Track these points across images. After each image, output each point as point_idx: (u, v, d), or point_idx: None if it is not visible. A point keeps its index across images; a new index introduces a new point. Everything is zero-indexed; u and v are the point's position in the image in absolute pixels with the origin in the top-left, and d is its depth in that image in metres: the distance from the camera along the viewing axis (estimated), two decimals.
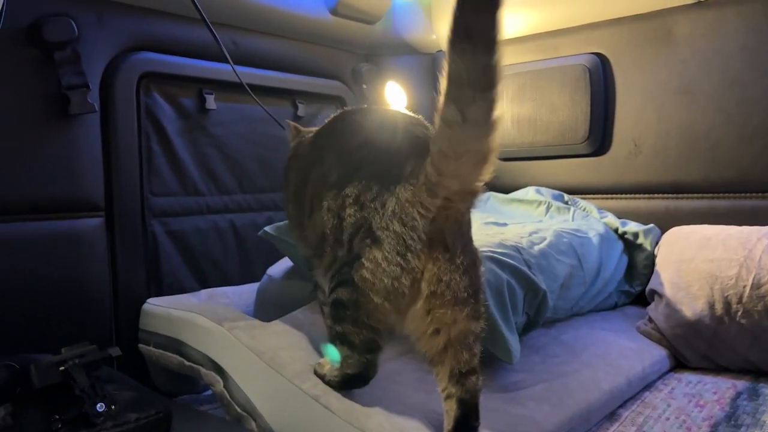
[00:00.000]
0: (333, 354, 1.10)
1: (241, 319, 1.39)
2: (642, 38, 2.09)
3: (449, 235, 1.00)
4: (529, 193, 2.26)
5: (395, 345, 1.34)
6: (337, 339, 1.08)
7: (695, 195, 2.02)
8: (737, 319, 1.62)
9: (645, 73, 2.09)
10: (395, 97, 2.32)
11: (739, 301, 1.62)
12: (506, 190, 2.36)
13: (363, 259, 1.00)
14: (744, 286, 1.62)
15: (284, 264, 1.75)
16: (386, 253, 0.98)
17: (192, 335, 1.39)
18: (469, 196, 0.99)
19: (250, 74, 1.98)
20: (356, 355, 1.06)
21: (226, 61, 1.74)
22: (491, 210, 2.25)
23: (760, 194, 1.91)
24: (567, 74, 2.20)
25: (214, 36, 1.67)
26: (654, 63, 2.07)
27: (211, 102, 1.94)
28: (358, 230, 1.01)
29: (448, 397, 1.05)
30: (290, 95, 2.21)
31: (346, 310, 1.03)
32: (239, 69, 1.81)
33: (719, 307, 1.65)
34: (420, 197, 0.96)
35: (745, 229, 1.75)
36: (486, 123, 0.88)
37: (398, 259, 0.97)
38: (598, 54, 2.17)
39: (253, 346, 1.28)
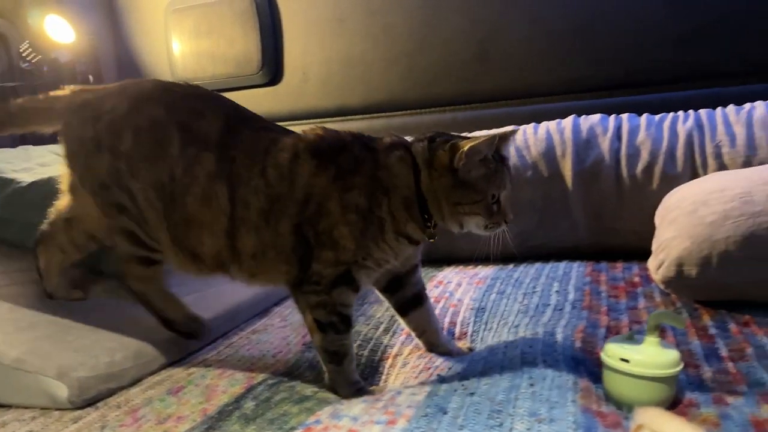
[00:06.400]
0: None
1: None
2: None
3: None
4: None
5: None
6: None
7: (357, 117, 2.26)
8: None
9: (305, 4, 2.24)
10: (60, 31, 2.19)
11: None
12: None
13: None
14: None
15: None
16: None
17: None
18: None
19: None
20: None
21: None
22: None
23: (406, 112, 2.20)
24: (236, 7, 2.27)
25: None
26: None
27: None
28: None
29: None
30: None
31: None
32: None
33: None
34: None
35: None
36: None
37: None
38: None
39: None
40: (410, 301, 1.24)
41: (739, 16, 1.81)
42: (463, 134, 1.15)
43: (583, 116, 1.83)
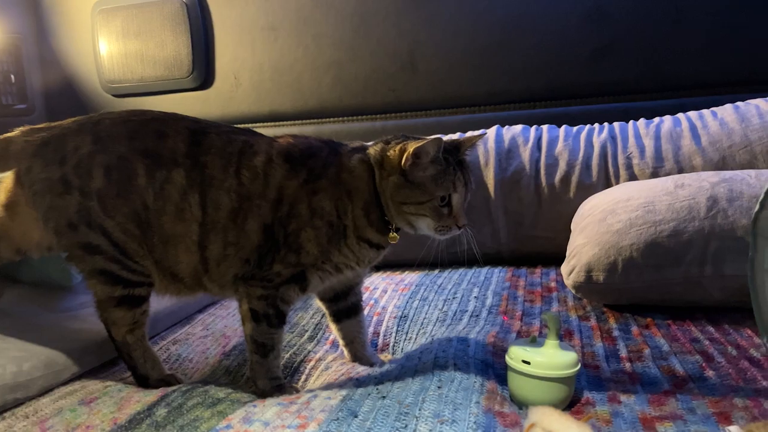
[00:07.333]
0: None
1: None
2: None
3: None
4: None
5: None
6: None
7: (288, 122, 2.27)
8: None
9: (236, 10, 2.24)
10: None
11: None
12: None
13: None
14: None
15: None
16: None
17: None
18: None
19: None
20: None
21: None
22: None
23: (337, 119, 2.22)
24: (166, 9, 2.24)
25: None
26: (243, 0, 2.22)
27: None
28: None
29: None
30: None
31: None
32: None
33: None
34: None
35: None
36: None
37: None
38: None
39: None
40: (348, 310, 1.27)
41: (650, 35, 1.91)
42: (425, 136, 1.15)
43: (506, 127, 1.89)
